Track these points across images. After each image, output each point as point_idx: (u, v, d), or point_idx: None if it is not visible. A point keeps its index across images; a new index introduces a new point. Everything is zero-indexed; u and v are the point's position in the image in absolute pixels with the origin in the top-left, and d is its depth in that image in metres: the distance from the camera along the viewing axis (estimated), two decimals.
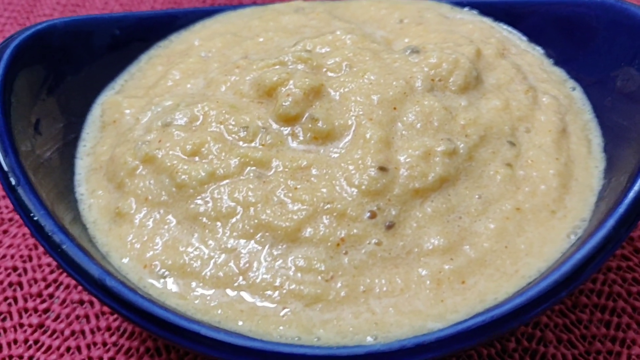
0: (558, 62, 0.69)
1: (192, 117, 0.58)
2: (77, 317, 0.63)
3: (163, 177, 0.54)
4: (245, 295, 0.49)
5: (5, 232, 0.72)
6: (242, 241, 0.51)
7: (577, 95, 0.65)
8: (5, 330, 0.63)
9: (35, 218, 0.48)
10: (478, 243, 0.52)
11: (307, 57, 0.60)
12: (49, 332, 0.62)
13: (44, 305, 0.65)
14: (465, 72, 0.60)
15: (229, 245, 0.51)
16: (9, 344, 0.62)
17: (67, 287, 0.66)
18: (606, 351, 0.59)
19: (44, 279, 0.67)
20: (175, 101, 0.60)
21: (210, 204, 0.52)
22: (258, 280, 0.49)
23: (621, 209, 0.47)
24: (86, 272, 0.46)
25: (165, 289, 0.50)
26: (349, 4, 0.77)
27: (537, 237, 0.52)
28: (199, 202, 0.53)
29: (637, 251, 0.67)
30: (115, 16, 0.69)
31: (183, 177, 0.53)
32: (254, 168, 0.54)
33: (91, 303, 0.64)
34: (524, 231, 0.53)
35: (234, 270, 0.50)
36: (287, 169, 0.54)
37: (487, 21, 0.74)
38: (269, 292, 0.49)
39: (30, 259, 0.69)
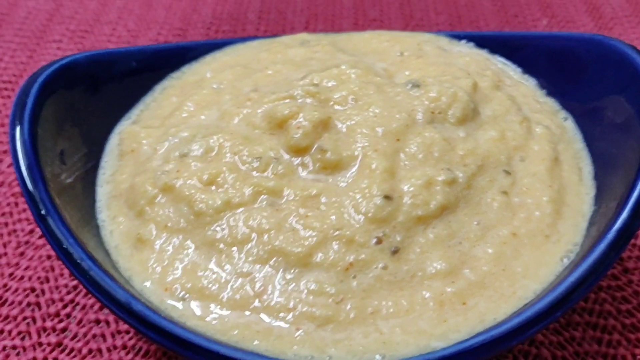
0: (551, 93, 0.72)
1: (208, 148, 0.60)
2: (94, 335, 0.65)
3: (182, 205, 0.57)
4: (260, 316, 0.51)
5: (22, 254, 0.74)
6: (257, 266, 0.53)
7: (569, 125, 0.68)
8: (24, 349, 0.65)
9: (64, 246, 0.50)
10: (477, 267, 0.54)
11: (315, 91, 0.63)
12: (67, 351, 0.64)
13: (62, 325, 0.66)
14: (463, 104, 0.63)
15: (245, 270, 0.53)
16: None
17: (84, 307, 0.68)
18: None
19: (61, 300, 0.69)
20: (191, 132, 0.63)
21: (226, 231, 0.55)
22: (272, 303, 0.52)
23: (611, 235, 0.50)
24: (114, 297, 0.48)
25: (186, 311, 0.52)
26: (351, 36, 0.80)
27: (532, 260, 0.55)
28: (216, 229, 0.55)
29: (627, 271, 0.70)
30: (133, 50, 0.72)
31: (200, 205, 0.56)
32: (266, 196, 0.57)
33: (107, 322, 0.66)
34: (520, 255, 0.55)
35: (250, 293, 0.52)
36: (298, 198, 0.56)
37: (483, 53, 0.77)
38: (283, 314, 0.51)
39: (48, 280, 0.71)
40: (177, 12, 1.16)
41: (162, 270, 0.55)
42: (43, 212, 0.52)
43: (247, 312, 0.52)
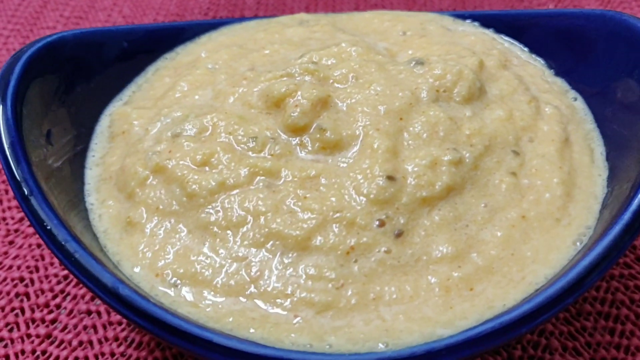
0: (559, 73, 0.70)
1: (202, 127, 0.58)
2: (85, 327, 0.63)
3: (174, 187, 0.55)
4: (256, 303, 0.49)
5: (11, 243, 0.72)
6: (253, 250, 0.51)
7: (579, 106, 0.66)
8: (12, 340, 0.63)
9: (48, 227, 0.48)
10: (485, 251, 0.52)
11: (314, 68, 0.61)
12: (56, 343, 0.62)
13: (52, 316, 0.64)
14: (469, 83, 0.61)
15: (240, 254, 0.51)
16: (16, 355, 0.61)
17: (75, 297, 0.66)
18: (611, 358, 0.59)
19: (51, 290, 0.67)
20: (184, 112, 0.61)
21: (220, 214, 0.53)
22: (269, 289, 0.50)
23: (626, 217, 0.48)
24: (99, 281, 0.46)
25: (178, 298, 0.50)
26: (352, 16, 0.78)
27: (542, 244, 0.53)
28: (210, 211, 0.53)
29: (639, 259, 0.67)
30: (123, 28, 0.70)
31: (193, 186, 0.54)
32: (263, 178, 0.54)
33: (98, 313, 0.64)
34: (529, 239, 0.53)
35: (245, 278, 0.50)
36: (296, 179, 0.54)
37: (489, 33, 0.75)
38: (280, 300, 0.49)
39: (37, 269, 0.69)
40: None
41: (153, 255, 0.53)
42: (26, 192, 0.50)
43: (243, 299, 0.50)
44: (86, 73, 0.66)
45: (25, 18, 1.09)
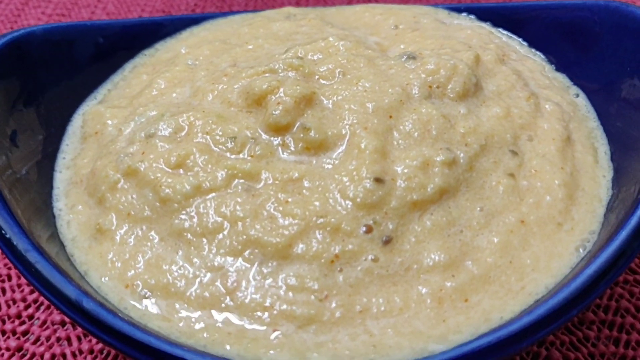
0: (560, 68, 0.67)
1: (177, 127, 0.55)
2: (58, 339, 0.61)
3: (146, 191, 0.52)
4: (233, 316, 0.46)
5: None
6: (230, 259, 0.48)
7: (581, 102, 0.63)
8: None
9: (7, 236, 0.45)
10: (481, 258, 0.49)
11: (299, 64, 0.58)
12: (28, 356, 0.60)
13: (23, 327, 0.62)
14: (464, 78, 0.58)
15: (216, 263, 0.48)
16: None
17: (48, 307, 0.63)
18: None
19: (24, 300, 0.64)
20: (160, 111, 0.58)
21: (195, 219, 0.50)
22: (247, 301, 0.46)
23: (633, 221, 0.45)
24: (62, 293, 0.43)
25: (148, 311, 0.47)
26: (341, 9, 0.75)
27: (543, 251, 0.50)
28: (184, 217, 0.50)
29: None
30: (98, 24, 0.67)
31: (167, 190, 0.51)
32: (242, 181, 0.51)
33: (73, 324, 0.61)
34: (529, 245, 0.51)
35: (221, 290, 0.47)
36: (277, 181, 0.51)
37: (486, 26, 0.72)
38: (258, 314, 0.46)
39: (10, 278, 0.66)
40: None
41: (123, 265, 0.50)
42: None
43: (218, 312, 0.47)
44: (57, 71, 0.63)
45: (5, 16, 1.07)
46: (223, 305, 0.47)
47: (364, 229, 0.49)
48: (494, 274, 0.49)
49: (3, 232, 0.45)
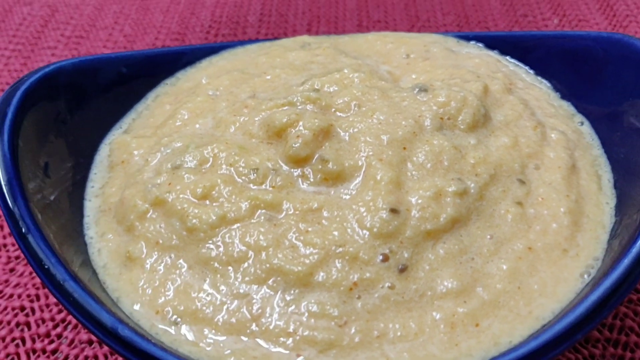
0: (565, 96, 0.69)
1: (202, 159, 0.57)
2: (86, 357, 0.63)
3: (174, 220, 0.54)
4: (258, 342, 0.48)
5: (12, 270, 0.71)
6: (254, 286, 0.50)
7: (586, 130, 0.65)
8: None
9: (46, 267, 0.47)
10: (491, 284, 0.51)
11: (316, 97, 0.60)
12: None
13: (52, 346, 0.64)
14: (474, 110, 0.60)
15: (241, 291, 0.50)
16: None
17: (76, 326, 0.65)
18: None
19: (52, 319, 0.66)
20: (185, 142, 0.60)
21: (221, 248, 0.52)
22: (271, 327, 0.48)
23: (635, 248, 0.46)
24: (99, 321, 0.45)
25: (178, 336, 0.49)
26: (354, 38, 0.77)
27: (550, 277, 0.52)
28: (210, 246, 0.52)
29: None
30: (122, 55, 0.69)
31: (194, 221, 0.53)
32: (264, 211, 0.53)
33: (100, 343, 0.63)
34: (536, 271, 0.52)
35: (247, 316, 0.49)
36: (297, 212, 0.53)
37: (493, 55, 0.74)
38: (282, 339, 0.48)
39: (38, 298, 0.68)
40: (174, 15, 1.13)
41: (153, 292, 0.52)
42: (23, 230, 0.49)
43: (244, 337, 0.49)
44: (84, 101, 0.65)
45: (26, 38, 1.08)
46: (249, 330, 0.48)
47: (381, 257, 0.51)
48: (503, 299, 0.50)
49: (43, 263, 0.47)
